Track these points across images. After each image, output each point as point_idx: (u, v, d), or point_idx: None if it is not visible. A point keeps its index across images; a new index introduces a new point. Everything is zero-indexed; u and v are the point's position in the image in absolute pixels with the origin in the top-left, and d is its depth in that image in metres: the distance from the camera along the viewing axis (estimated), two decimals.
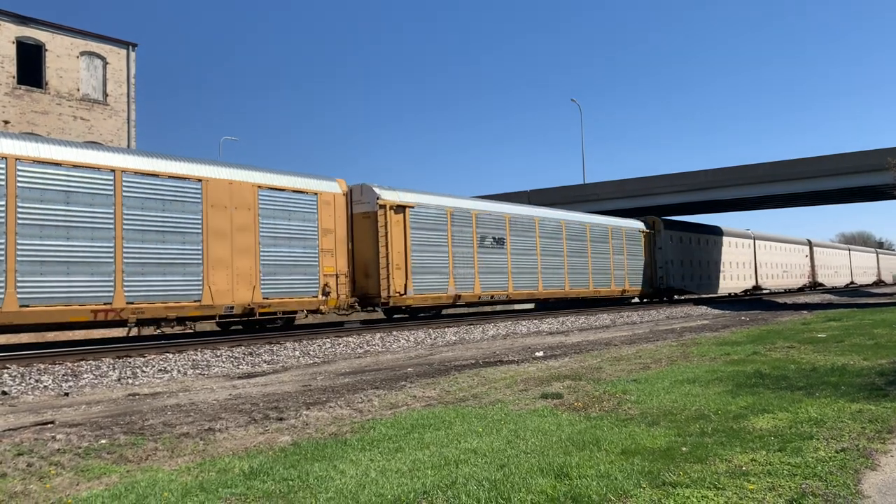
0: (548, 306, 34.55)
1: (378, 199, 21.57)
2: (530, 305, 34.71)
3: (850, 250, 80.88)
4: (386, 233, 21.41)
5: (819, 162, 37.55)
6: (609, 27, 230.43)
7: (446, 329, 21.28)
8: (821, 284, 67.79)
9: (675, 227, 41.05)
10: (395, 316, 24.15)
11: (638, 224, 36.80)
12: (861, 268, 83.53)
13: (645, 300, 38.19)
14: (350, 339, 18.22)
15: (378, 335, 19.14)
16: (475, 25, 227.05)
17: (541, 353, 14.94)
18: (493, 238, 25.98)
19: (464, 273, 24.34)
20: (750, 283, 51.78)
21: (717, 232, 48.12)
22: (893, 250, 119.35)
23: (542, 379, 10.67)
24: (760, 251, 54.59)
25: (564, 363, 12.91)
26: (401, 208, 22.12)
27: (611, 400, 8.52)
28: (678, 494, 4.66)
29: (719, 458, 5.54)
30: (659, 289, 38.31)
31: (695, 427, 6.76)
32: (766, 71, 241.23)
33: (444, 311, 26.87)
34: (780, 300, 47.84)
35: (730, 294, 48.99)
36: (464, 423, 7.34)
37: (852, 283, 78.10)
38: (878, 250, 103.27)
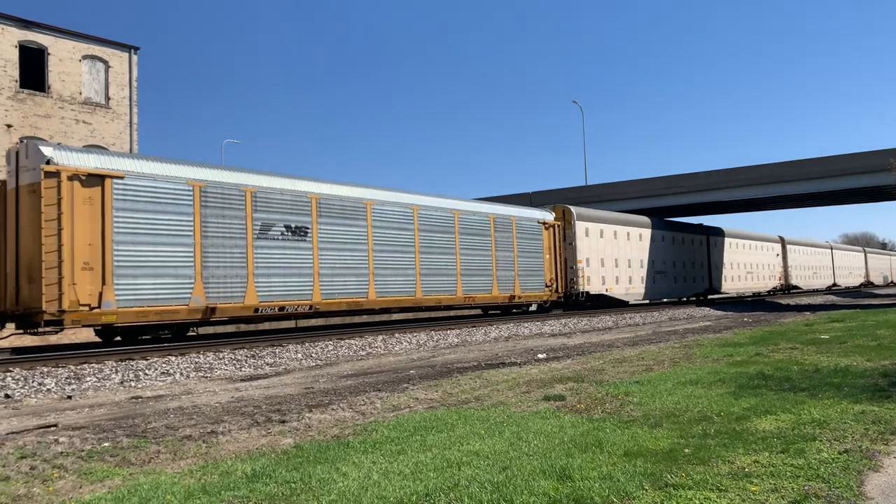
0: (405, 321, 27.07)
1: (47, 162, 14.63)
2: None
3: (832, 248, 72.51)
4: (60, 214, 14.53)
5: (824, 162, 37.59)
6: (611, 28, 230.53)
7: (448, 331, 21.28)
8: (796, 287, 59.90)
9: (597, 220, 34.13)
10: (116, 339, 17.20)
11: (537, 213, 29.49)
12: (846, 268, 76.44)
13: (550, 308, 30.40)
14: (352, 341, 18.24)
15: (380, 337, 19.16)
16: (477, 26, 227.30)
17: (543, 355, 14.93)
18: (288, 227, 18.94)
19: (227, 275, 17.39)
20: (702, 286, 45.30)
21: (659, 226, 40.61)
22: (885, 250, 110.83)
23: (544, 381, 10.66)
24: (716, 249, 47.95)
25: (567, 365, 12.90)
26: (96, 178, 15.20)
27: (613, 402, 8.51)
28: (680, 496, 4.65)
29: (722, 460, 5.53)
30: (571, 295, 31.28)
31: (697, 429, 6.76)
32: (769, 70, 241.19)
33: (199, 332, 19.99)
34: (784, 301, 47.76)
35: (680, 298, 42.43)
36: (466, 425, 7.34)
37: (835, 284, 70.68)
38: (867, 249, 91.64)
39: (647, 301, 39.09)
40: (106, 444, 6.95)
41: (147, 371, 13.28)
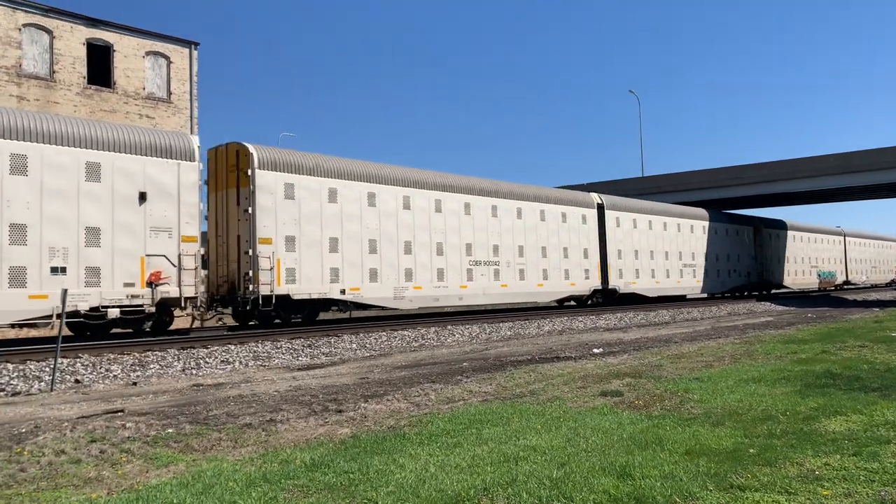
0: None
1: None
2: None
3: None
4: None
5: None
6: (668, 16, 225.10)
7: (501, 324, 21.19)
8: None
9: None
10: None
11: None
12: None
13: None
14: (405, 332, 18.35)
15: (433, 329, 19.21)
16: (525, 17, 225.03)
17: (598, 350, 14.71)
18: None
19: None
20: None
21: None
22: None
23: (600, 376, 10.50)
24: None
25: (623, 360, 12.69)
26: None
27: (673, 399, 8.32)
28: (747, 498, 4.50)
29: (790, 462, 5.33)
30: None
31: (762, 428, 6.54)
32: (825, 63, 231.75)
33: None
34: (850, 297, 45.98)
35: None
36: (521, 419, 7.27)
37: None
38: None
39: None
40: (170, 430, 7.14)
41: (207, 359, 13.62)
